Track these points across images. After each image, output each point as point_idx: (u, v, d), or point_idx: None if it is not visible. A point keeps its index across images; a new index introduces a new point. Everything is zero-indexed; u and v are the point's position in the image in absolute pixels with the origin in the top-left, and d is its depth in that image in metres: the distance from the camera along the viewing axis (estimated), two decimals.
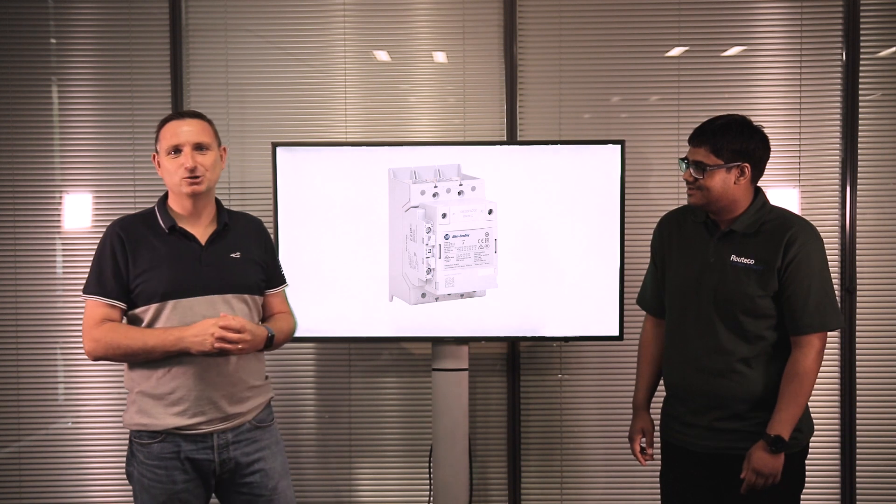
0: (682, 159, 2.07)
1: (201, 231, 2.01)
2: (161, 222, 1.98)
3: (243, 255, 2.04)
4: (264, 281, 2.10)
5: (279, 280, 2.18)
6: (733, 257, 2.03)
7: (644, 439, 2.25)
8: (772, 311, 2.00)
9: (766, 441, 1.97)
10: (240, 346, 1.87)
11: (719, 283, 2.03)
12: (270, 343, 2.01)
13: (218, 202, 2.08)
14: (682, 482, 2.16)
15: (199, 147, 1.96)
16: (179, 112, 2.03)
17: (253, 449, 2.03)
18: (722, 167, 1.99)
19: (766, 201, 2.07)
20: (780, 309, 2.01)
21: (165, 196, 2.04)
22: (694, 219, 2.14)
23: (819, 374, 2.04)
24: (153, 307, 1.93)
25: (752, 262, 2.01)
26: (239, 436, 2.00)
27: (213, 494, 2.07)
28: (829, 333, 2.05)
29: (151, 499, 1.96)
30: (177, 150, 1.95)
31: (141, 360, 1.94)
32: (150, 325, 1.94)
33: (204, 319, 1.89)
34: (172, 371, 1.93)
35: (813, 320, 1.97)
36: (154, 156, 2.02)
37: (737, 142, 2.00)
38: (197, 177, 1.94)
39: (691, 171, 2.02)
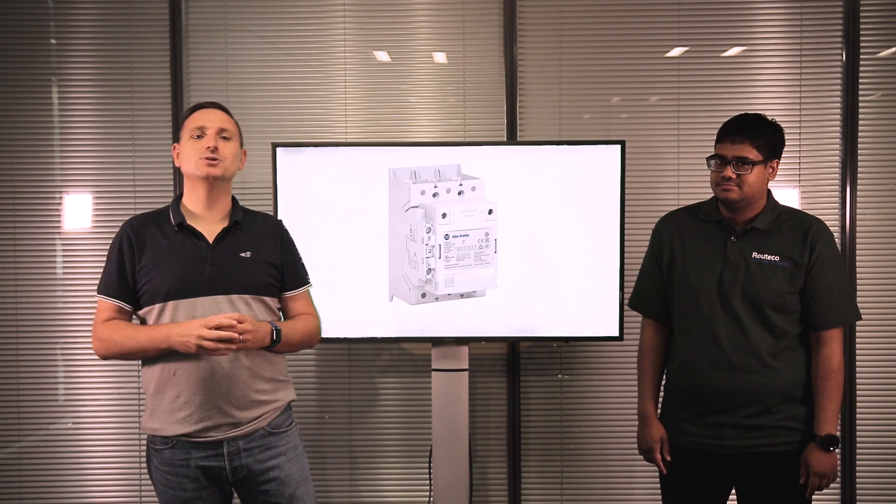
0: (713, 157, 2.05)
1: (211, 229, 1.96)
2: (171, 219, 1.95)
3: (254, 254, 1.98)
4: (279, 282, 2.03)
5: (300, 281, 2.09)
6: (755, 254, 2.04)
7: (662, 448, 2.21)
8: (797, 306, 2.04)
9: (819, 442, 2.00)
10: (237, 344, 1.79)
11: (745, 281, 2.03)
12: (277, 339, 1.92)
13: (234, 200, 2.05)
14: (691, 485, 2.15)
15: (222, 134, 1.96)
16: (207, 102, 2.03)
17: (267, 456, 1.96)
18: (761, 163, 2.01)
19: (775, 199, 2.10)
20: (803, 304, 2.04)
21: (180, 195, 2.01)
22: (704, 218, 2.14)
23: None
24: (156, 307, 1.90)
25: (776, 258, 2.02)
26: (251, 442, 1.94)
27: (237, 496, 2.04)
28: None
29: (165, 503, 1.96)
30: (201, 132, 1.94)
31: (139, 358, 1.92)
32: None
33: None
34: (178, 374, 1.88)
35: (840, 315, 2.03)
36: (174, 147, 2.01)
37: (773, 137, 2.03)
38: (215, 159, 1.92)
39: (732, 167, 2.00)
